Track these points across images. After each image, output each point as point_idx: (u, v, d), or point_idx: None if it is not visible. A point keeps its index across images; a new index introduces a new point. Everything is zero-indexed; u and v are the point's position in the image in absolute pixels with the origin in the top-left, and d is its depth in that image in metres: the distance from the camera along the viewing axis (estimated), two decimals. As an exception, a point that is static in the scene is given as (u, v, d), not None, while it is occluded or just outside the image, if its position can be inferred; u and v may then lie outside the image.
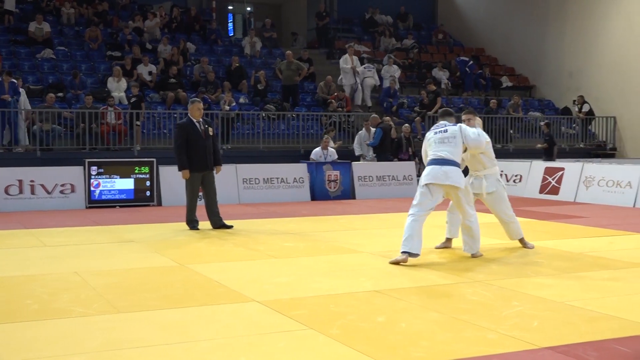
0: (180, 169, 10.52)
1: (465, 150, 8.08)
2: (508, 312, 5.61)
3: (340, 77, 20.48)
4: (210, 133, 10.61)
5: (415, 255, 7.56)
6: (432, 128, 8.13)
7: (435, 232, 9.07)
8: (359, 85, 20.31)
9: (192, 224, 10.58)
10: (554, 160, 17.55)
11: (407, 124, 18.30)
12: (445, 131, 7.91)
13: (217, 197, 10.79)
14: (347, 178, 15.84)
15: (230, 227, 10.61)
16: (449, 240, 8.66)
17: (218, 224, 10.63)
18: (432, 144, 7.92)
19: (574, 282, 6.76)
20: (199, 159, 10.43)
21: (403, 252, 7.57)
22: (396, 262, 7.57)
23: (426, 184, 7.75)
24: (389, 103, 20.39)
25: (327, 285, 6.59)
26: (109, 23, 21.54)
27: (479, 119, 8.62)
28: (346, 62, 20.37)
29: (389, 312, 5.63)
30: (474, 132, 8.01)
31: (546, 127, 18.65)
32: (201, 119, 10.56)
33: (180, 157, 10.44)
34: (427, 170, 7.83)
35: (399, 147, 17.62)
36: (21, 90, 15.80)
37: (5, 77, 15.40)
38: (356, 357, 4.51)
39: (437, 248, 8.60)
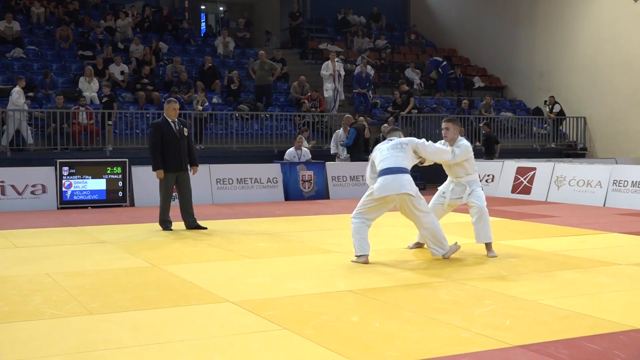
0: (154, 169, 10.44)
1: (422, 162, 8.16)
2: (481, 311, 5.65)
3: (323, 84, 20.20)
4: (185, 133, 10.53)
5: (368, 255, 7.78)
6: (381, 144, 8.10)
7: (406, 232, 9.12)
8: (340, 90, 20.13)
9: (165, 224, 10.52)
10: (493, 159, 17.74)
11: (385, 124, 18.26)
12: (396, 142, 7.90)
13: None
14: (321, 178, 15.85)
15: (204, 228, 10.56)
16: (419, 244, 8.58)
17: (192, 224, 10.56)
18: (385, 150, 7.82)
19: (545, 281, 6.82)
20: (174, 159, 10.35)
21: (362, 256, 7.68)
22: (357, 262, 7.67)
23: (382, 197, 7.66)
24: (360, 100, 20.40)
25: (301, 286, 6.59)
26: (80, 22, 21.37)
27: (458, 128, 8.38)
28: (327, 68, 20.03)
29: (363, 312, 5.64)
30: (431, 144, 8.04)
31: (486, 127, 18.77)
32: (176, 119, 10.48)
33: (154, 157, 10.35)
34: (381, 181, 7.66)
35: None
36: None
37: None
38: (330, 357, 4.52)
39: (409, 248, 8.63)
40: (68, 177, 13.66)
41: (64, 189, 13.63)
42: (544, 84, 22.97)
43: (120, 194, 14.02)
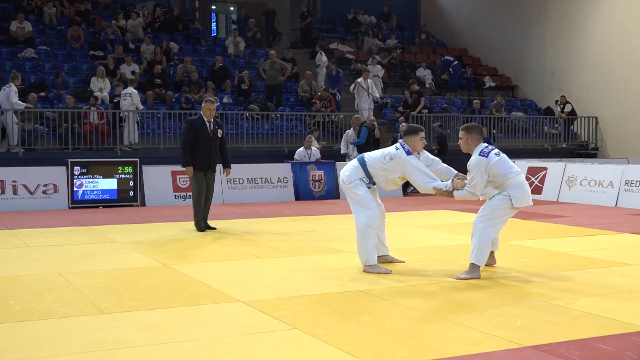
0: (183, 165, 10.43)
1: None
2: (492, 311, 5.64)
3: (355, 100, 19.88)
4: (220, 135, 10.53)
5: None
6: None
7: (418, 232, 9.11)
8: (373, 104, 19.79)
9: (200, 225, 10.46)
10: (447, 158, 17.58)
11: (404, 123, 18.12)
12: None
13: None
14: (331, 178, 15.84)
15: (214, 228, 10.56)
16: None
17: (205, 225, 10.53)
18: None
19: (556, 282, 6.80)
20: (203, 158, 10.34)
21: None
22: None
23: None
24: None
25: (311, 285, 6.59)
26: (92, 22, 21.43)
27: (474, 137, 7.08)
28: (361, 85, 19.52)
29: (374, 312, 5.64)
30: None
31: (439, 128, 18.68)
32: (212, 120, 10.46)
33: (185, 153, 10.33)
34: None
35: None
36: (6, 88, 15.61)
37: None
38: (341, 357, 4.52)
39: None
40: (79, 177, 13.71)
41: (75, 189, 13.68)
42: (555, 83, 22.88)
43: (131, 193, 14.07)
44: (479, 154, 6.94)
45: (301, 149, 16.17)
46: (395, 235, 9.49)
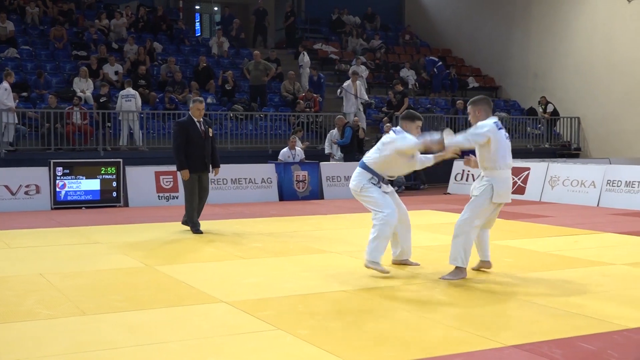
0: (179, 169, 10.19)
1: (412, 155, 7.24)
2: (475, 310, 5.66)
3: (342, 103, 19.72)
4: (210, 134, 10.33)
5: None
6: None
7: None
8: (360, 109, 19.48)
9: (195, 226, 10.22)
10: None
11: (388, 124, 18.10)
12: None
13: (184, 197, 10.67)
14: (315, 178, 15.84)
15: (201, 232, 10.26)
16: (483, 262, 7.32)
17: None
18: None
19: (539, 281, 6.84)
20: (197, 159, 10.12)
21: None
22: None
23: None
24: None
25: (295, 286, 6.59)
26: (75, 22, 21.32)
27: (481, 109, 7.12)
28: (349, 89, 19.30)
29: (358, 312, 5.65)
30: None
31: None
32: (202, 119, 10.25)
33: (179, 156, 10.08)
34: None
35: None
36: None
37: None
38: (325, 357, 4.52)
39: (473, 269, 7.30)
40: (62, 178, 13.63)
41: (57, 189, 13.60)
42: (538, 84, 23.01)
43: (114, 194, 14.00)
44: (493, 122, 6.98)
45: (285, 149, 16.17)
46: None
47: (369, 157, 7.29)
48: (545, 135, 21.69)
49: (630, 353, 4.57)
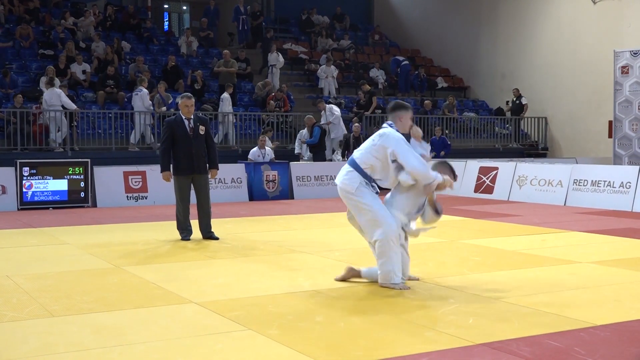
0: (160, 171, 9.55)
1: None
2: (444, 309, 5.69)
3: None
4: (202, 132, 9.48)
5: None
6: None
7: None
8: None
9: (183, 233, 9.57)
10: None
11: (357, 124, 18.12)
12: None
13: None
14: (285, 178, 15.83)
15: (216, 238, 9.55)
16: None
17: (206, 234, 9.63)
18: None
19: (507, 279, 6.90)
20: (184, 160, 9.36)
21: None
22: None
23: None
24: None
25: (265, 286, 6.58)
26: (41, 21, 21.07)
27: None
28: (338, 119, 18.55)
29: (328, 312, 5.65)
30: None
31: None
32: (192, 117, 9.49)
33: (161, 157, 9.50)
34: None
35: (347, 147, 17.55)
36: None
37: None
38: (295, 357, 4.52)
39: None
40: (29, 178, 13.46)
41: (24, 190, 13.43)
42: (506, 84, 23.21)
43: (82, 194, 13.86)
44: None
45: (255, 149, 16.13)
46: (349, 234, 9.51)
47: (361, 153, 6.48)
48: (513, 135, 21.90)
49: (597, 350, 4.62)
